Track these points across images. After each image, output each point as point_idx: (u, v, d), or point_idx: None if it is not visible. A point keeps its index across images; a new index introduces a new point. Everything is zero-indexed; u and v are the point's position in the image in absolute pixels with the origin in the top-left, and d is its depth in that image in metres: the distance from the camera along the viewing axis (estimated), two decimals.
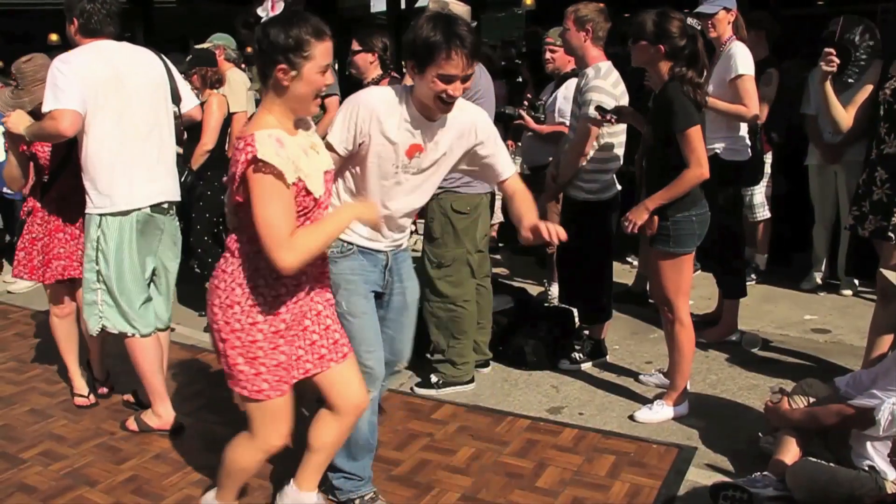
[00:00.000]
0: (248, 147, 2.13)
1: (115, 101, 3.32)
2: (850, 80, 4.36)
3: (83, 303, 3.50)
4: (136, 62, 3.46)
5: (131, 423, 3.67)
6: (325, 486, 2.85)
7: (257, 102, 4.63)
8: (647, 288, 4.83)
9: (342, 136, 2.58)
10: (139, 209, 3.41)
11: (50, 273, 3.72)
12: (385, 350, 2.82)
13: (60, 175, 3.69)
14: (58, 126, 3.20)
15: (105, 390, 4.03)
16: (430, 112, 2.57)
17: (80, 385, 3.93)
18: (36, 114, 3.44)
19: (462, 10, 4.10)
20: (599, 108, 3.64)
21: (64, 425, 3.72)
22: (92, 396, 3.92)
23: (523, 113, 5.13)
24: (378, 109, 2.56)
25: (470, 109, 2.74)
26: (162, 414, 3.60)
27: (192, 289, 5.78)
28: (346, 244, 2.73)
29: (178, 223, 3.72)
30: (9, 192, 6.42)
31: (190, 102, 3.81)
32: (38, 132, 3.35)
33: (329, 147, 2.56)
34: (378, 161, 2.61)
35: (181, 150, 5.84)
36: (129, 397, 3.91)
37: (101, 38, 3.38)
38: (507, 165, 2.85)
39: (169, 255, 3.68)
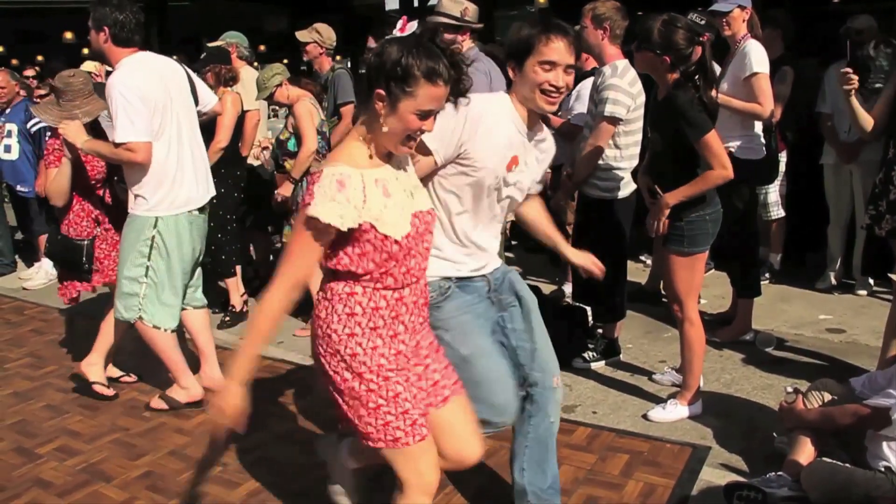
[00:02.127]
0: (312, 187, 2.00)
1: (170, 115, 3.54)
2: (877, 86, 4.29)
3: (120, 292, 3.64)
4: (173, 72, 3.67)
5: (157, 403, 3.80)
6: None
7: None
8: (662, 287, 4.81)
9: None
10: (189, 211, 3.65)
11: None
12: (533, 369, 2.61)
13: (111, 182, 3.94)
14: (136, 157, 3.43)
15: (133, 378, 4.18)
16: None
17: (101, 375, 4.01)
18: (90, 127, 3.72)
19: (473, 10, 4.11)
20: None
21: (79, 421, 3.75)
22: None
23: None
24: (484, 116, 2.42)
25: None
26: (188, 386, 3.76)
27: (206, 287, 5.81)
28: (443, 281, 2.48)
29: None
30: (23, 189, 6.48)
31: (210, 100, 3.99)
32: (106, 154, 3.57)
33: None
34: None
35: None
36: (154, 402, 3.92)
37: (132, 48, 3.54)
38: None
39: (201, 249, 3.89)
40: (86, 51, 9.32)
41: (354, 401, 2.11)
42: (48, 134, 4.68)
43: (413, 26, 2.00)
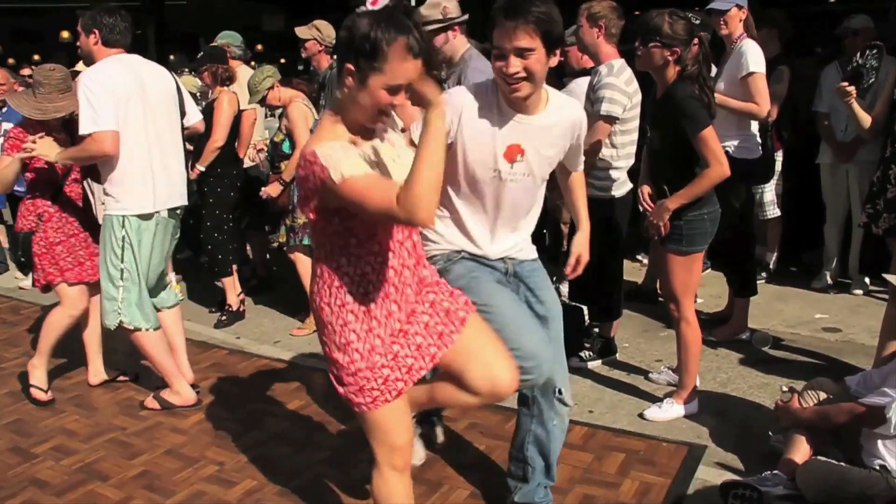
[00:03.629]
0: (313, 167, 1.93)
1: (141, 110, 3.58)
2: (871, 81, 4.29)
3: (103, 298, 3.67)
4: (155, 74, 3.72)
5: (151, 402, 3.82)
6: None
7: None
8: (658, 286, 4.82)
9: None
10: (159, 212, 3.67)
11: (85, 273, 3.85)
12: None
13: (70, 179, 3.85)
14: (103, 148, 3.45)
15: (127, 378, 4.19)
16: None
17: (42, 379, 3.98)
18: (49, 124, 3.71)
19: (452, 5, 4.08)
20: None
21: (76, 420, 3.74)
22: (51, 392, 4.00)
23: None
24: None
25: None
26: (181, 391, 3.79)
27: (203, 285, 5.83)
28: (452, 252, 2.55)
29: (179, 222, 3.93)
30: (20, 189, 6.46)
31: (195, 116, 4.08)
32: (78, 155, 3.58)
33: None
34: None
35: (191, 148, 5.88)
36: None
37: (120, 49, 3.61)
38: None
39: (169, 251, 3.95)
40: None
41: (341, 370, 2.12)
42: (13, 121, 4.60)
43: (384, 1, 1.97)
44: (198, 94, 6.42)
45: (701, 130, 3.18)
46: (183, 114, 3.89)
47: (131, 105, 3.52)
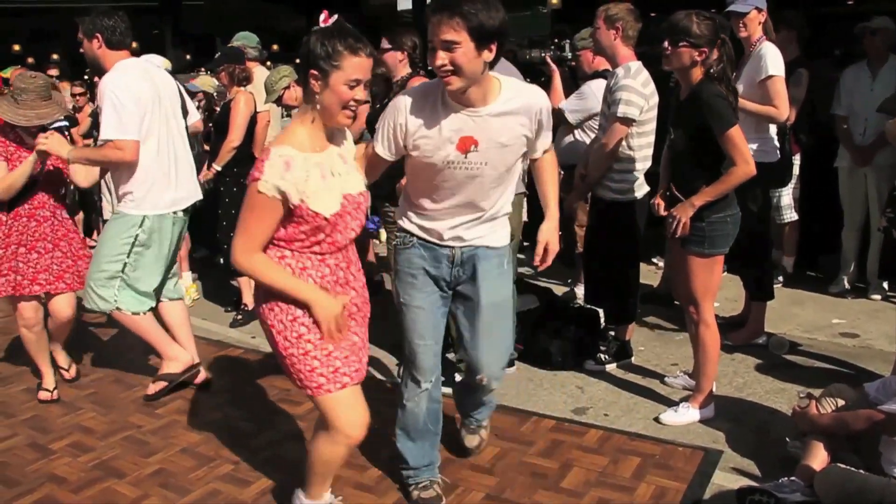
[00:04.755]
0: (261, 164, 2.28)
1: (159, 116, 3.68)
2: None
3: (96, 287, 3.70)
4: (164, 79, 3.89)
5: (153, 387, 3.89)
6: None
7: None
8: (672, 290, 4.79)
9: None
10: (175, 212, 3.77)
11: (37, 286, 3.82)
12: (462, 354, 2.94)
13: (31, 190, 3.83)
14: (124, 156, 3.55)
15: (73, 374, 4.21)
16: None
17: (50, 381, 4.01)
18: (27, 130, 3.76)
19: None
20: None
21: (92, 418, 3.77)
22: (56, 392, 4.01)
23: (549, 59, 5.11)
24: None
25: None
26: (176, 355, 3.88)
27: (218, 284, 5.85)
28: (407, 235, 2.79)
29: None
30: None
31: (194, 116, 4.21)
32: (94, 157, 3.68)
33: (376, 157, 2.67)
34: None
35: (207, 148, 5.91)
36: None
37: (125, 50, 3.70)
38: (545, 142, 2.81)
39: (179, 245, 4.02)
40: None
41: (287, 349, 2.40)
42: None
43: (335, 18, 2.21)
44: (215, 95, 6.46)
45: (728, 129, 3.17)
46: (185, 113, 4.00)
47: (151, 112, 3.62)
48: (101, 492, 3.10)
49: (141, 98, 3.57)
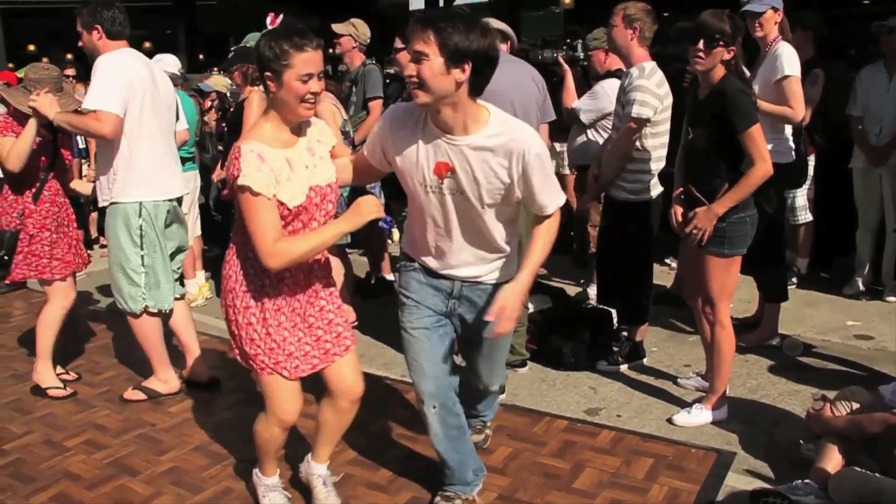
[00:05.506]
0: (236, 162, 2.36)
1: (155, 103, 3.72)
2: None
3: (120, 285, 3.76)
4: (160, 73, 3.92)
5: (131, 394, 3.92)
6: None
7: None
8: (682, 291, 4.77)
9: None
10: (170, 200, 3.84)
11: (67, 268, 3.97)
12: (468, 373, 2.96)
13: (48, 177, 3.96)
14: (102, 129, 3.53)
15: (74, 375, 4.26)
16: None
17: (53, 379, 4.05)
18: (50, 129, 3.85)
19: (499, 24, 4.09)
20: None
21: (106, 415, 3.79)
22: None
23: (561, 59, 5.10)
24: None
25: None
26: (167, 379, 3.92)
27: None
28: (409, 260, 2.79)
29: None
30: None
31: (182, 125, 4.38)
32: (75, 123, 3.66)
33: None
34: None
35: (220, 148, 5.92)
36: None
37: (124, 41, 3.72)
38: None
39: (185, 238, 4.08)
40: None
41: (236, 331, 2.61)
42: None
43: (280, 19, 2.31)
44: (228, 95, 6.48)
45: (750, 126, 3.17)
46: (176, 118, 4.08)
47: (147, 97, 3.66)
48: (115, 489, 3.12)
49: (133, 80, 3.58)
